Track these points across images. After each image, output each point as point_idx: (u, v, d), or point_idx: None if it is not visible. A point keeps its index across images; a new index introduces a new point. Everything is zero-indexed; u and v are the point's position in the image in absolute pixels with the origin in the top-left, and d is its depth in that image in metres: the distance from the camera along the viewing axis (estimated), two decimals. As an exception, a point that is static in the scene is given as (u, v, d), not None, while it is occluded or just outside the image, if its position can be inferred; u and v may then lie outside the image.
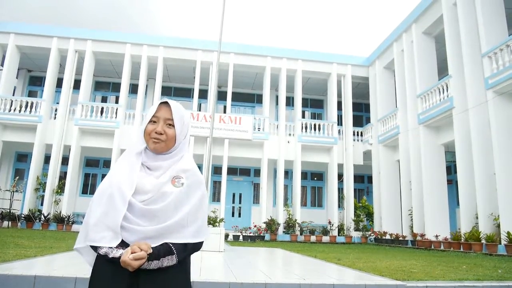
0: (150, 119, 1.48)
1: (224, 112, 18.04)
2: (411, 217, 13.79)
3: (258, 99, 19.94)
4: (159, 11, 41.96)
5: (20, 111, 15.61)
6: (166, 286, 1.35)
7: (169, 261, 1.35)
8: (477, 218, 10.57)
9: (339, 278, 4.73)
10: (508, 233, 9.07)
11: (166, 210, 1.38)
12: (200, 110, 18.19)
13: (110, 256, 1.32)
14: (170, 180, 1.44)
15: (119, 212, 1.35)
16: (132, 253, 1.27)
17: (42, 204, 15.45)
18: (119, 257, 1.30)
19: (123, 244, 1.34)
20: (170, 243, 1.37)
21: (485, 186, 10.33)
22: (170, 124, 1.47)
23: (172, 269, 1.37)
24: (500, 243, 9.54)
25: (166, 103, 1.50)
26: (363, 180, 19.79)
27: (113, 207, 1.36)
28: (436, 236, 11.91)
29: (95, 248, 1.35)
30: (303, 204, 18.11)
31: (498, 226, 9.79)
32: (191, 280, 1.47)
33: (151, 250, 1.31)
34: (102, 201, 1.38)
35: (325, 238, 15.49)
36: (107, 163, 17.97)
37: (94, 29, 18.74)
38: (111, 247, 1.32)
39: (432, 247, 11.88)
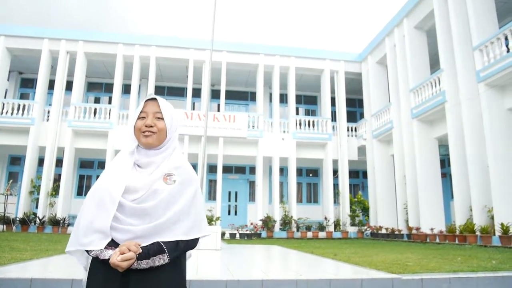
0: (138, 116, 1.49)
1: (218, 110, 18.02)
2: (406, 211, 13.88)
3: (252, 96, 19.94)
4: (150, 11, 41.76)
5: (12, 113, 15.46)
6: (157, 283, 1.34)
7: (161, 260, 1.34)
8: (471, 210, 10.66)
9: (336, 273, 4.76)
10: (502, 224, 9.16)
11: (157, 208, 1.38)
12: (194, 109, 18.15)
13: (101, 257, 1.32)
14: (162, 177, 1.44)
15: (108, 214, 1.35)
16: (121, 254, 1.27)
17: (37, 207, 15.34)
18: (109, 258, 1.30)
19: (114, 245, 1.34)
20: (162, 242, 1.36)
21: (479, 178, 10.42)
22: (159, 118, 1.48)
23: (165, 268, 1.36)
24: (494, 235, 9.63)
25: (152, 99, 1.51)
26: (358, 175, 19.88)
27: (102, 209, 1.36)
28: (431, 229, 12.00)
29: (87, 250, 1.36)
30: (299, 200, 18.16)
31: (492, 217, 9.88)
32: (188, 279, 1.46)
33: (141, 250, 1.31)
34: (92, 204, 1.38)
35: (322, 234, 15.56)
36: (101, 164, 17.89)
37: (85, 29, 18.62)
38: (101, 249, 1.33)
39: (428, 240, 11.98)
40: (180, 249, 1.40)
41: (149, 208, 1.37)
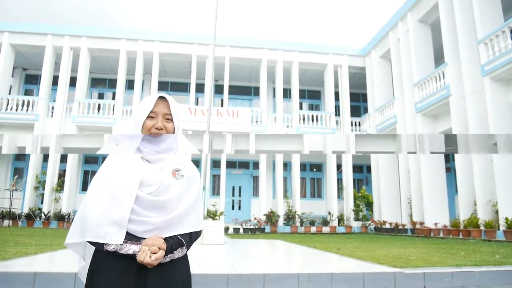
0: (148, 114, 1.46)
1: (222, 105, 18.00)
2: (410, 205, 13.85)
3: (255, 91, 19.90)
4: (152, 6, 41.71)
5: (16, 110, 15.56)
6: (172, 276, 1.38)
7: (180, 253, 1.40)
8: (475, 205, 10.63)
9: (338, 267, 4.77)
10: (506, 219, 9.12)
11: (172, 201, 1.42)
12: (197, 104, 18.15)
13: (122, 252, 1.32)
14: (171, 172, 1.47)
15: (126, 206, 1.35)
16: (152, 253, 1.30)
17: (42, 202, 15.47)
18: (132, 254, 1.31)
19: (129, 237, 1.35)
20: (179, 235, 1.40)
21: (483, 173, 10.37)
22: (168, 119, 1.49)
23: (178, 259, 1.41)
24: (499, 229, 9.60)
25: (161, 97, 1.50)
26: (362, 170, 19.82)
27: (118, 201, 1.35)
28: (435, 223, 11.97)
29: (98, 244, 1.34)
30: (303, 195, 18.15)
31: (497, 212, 9.85)
32: (191, 273, 1.51)
33: (165, 245, 1.34)
34: (103, 196, 1.37)
35: (325, 229, 15.56)
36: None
37: (89, 25, 18.64)
38: (121, 244, 1.32)
39: (432, 234, 11.95)
40: (193, 241, 1.47)
41: (165, 201, 1.41)
